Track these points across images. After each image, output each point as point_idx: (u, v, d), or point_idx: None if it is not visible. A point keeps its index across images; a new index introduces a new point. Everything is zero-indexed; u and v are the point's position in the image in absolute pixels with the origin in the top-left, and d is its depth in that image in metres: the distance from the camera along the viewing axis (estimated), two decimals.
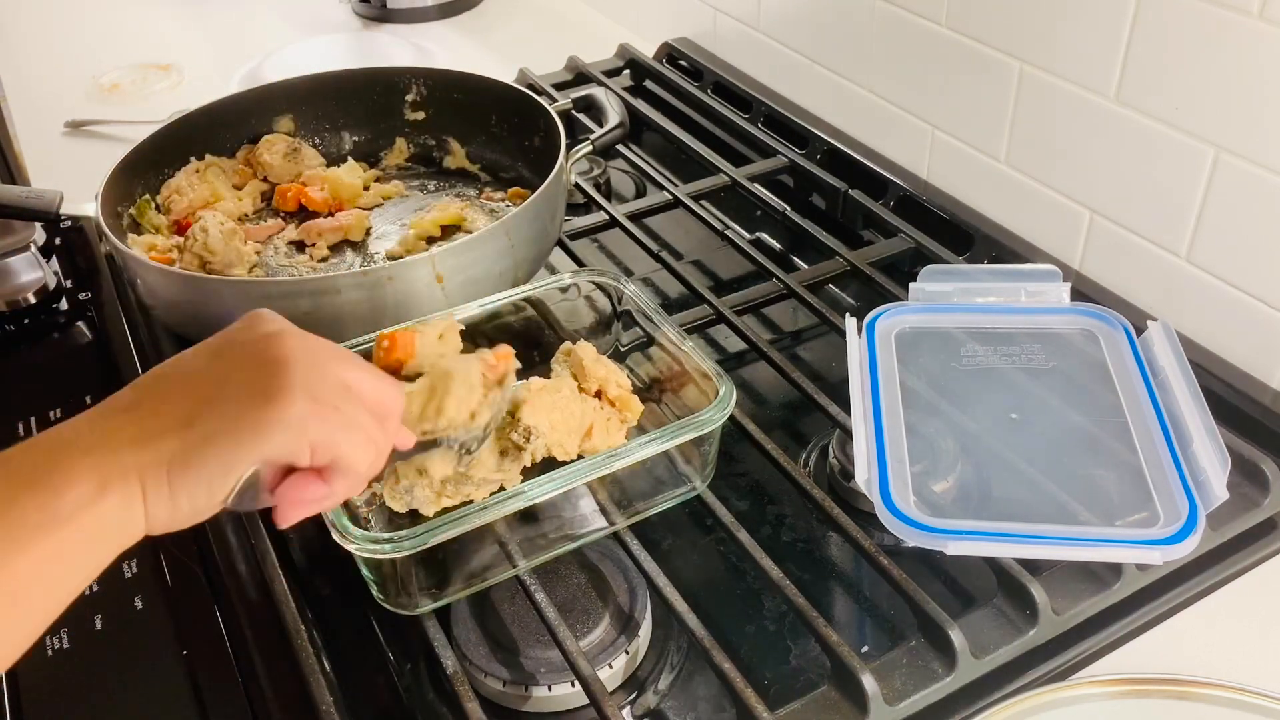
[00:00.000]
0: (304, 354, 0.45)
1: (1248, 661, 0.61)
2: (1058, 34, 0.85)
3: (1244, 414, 0.76)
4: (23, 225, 0.97)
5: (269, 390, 0.43)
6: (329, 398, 0.45)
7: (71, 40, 1.51)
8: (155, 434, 0.43)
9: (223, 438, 0.43)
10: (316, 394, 0.44)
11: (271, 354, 0.45)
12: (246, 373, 0.44)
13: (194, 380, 0.45)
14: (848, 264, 0.92)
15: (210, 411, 0.43)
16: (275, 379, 0.44)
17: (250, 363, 0.45)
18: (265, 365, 0.44)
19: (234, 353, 0.46)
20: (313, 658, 0.59)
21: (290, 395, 0.43)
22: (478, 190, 1.01)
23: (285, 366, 0.44)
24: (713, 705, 0.62)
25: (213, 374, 0.45)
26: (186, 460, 0.42)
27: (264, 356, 0.45)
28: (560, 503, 0.66)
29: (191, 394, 0.44)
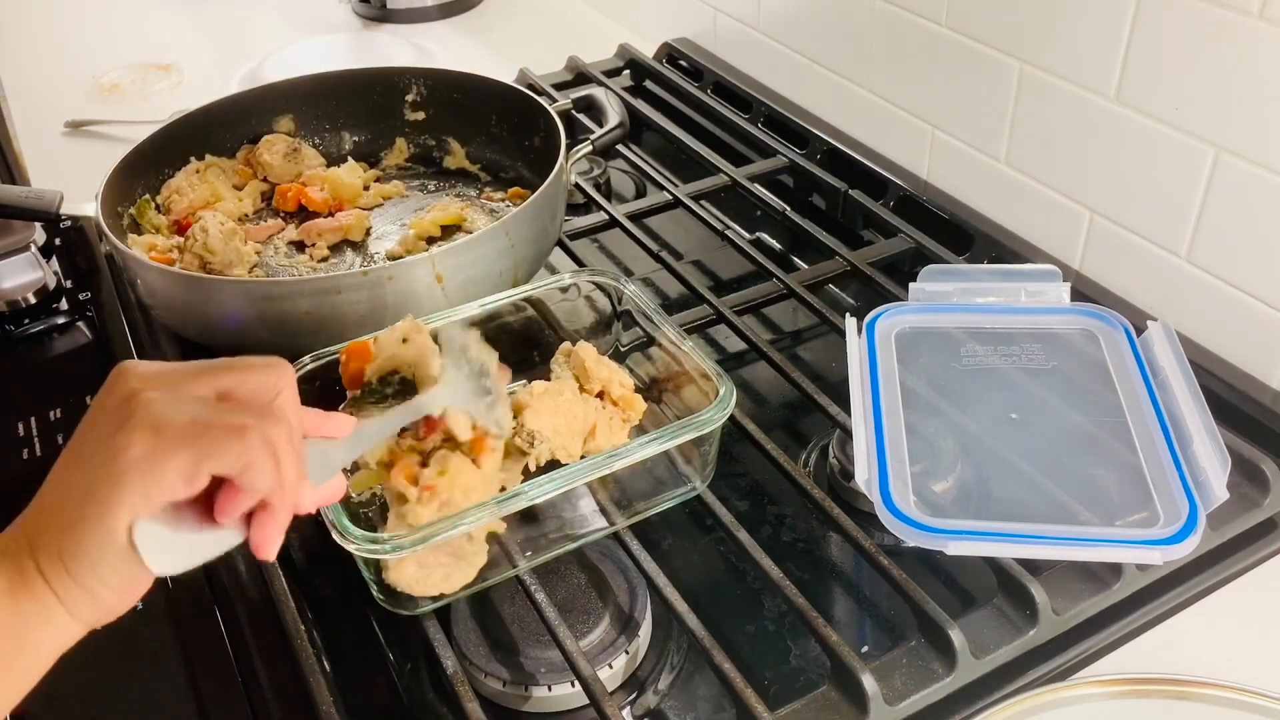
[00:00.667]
0: (153, 392, 0.43)
1: (1248, 661, 0.61)
2: (1058, 34, 0.85)
3: (1244, 414, 0.76)
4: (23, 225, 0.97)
5: (114, 445, 0.42)
6: (182, 423, 0.42)
7: (71, 40, 1.51)
8: (39, 530, 0.43)
9: (88, 507, 0.41)
10: (165, 424, 0.42)
11: (120, 410, 0.43)
12: (98, 438, 0.43)
13: (61, 467, 0.44)
14: (848, 264, 0.92)
15: (72, 490, 0.42)
16: (119, 432, 0.42)
17: (102, 428, 0.43)
18: (113, 422, 0.42)
19: (91, 425, 0.44)
20: (313, 658, 0.59)
21: (129, 439, 0.41)
22: (478, 190, 1.01)
23: (130, 415, 0.42)
24: (713, 705, 0.62)
25: (74, 454, 0.44)
26: (69, 545, 0.42)
27: (113, 416, 0.43)
28: (560, 503, 0.66)
29: (59, 481, 0.44)
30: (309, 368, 0.69)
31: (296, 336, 0.75)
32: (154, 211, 0.93)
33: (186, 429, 0.42)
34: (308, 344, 0.71)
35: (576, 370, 0.71)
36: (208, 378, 0.45)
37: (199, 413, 0.43)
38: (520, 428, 0.65)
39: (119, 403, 0.43)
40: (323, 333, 0.74)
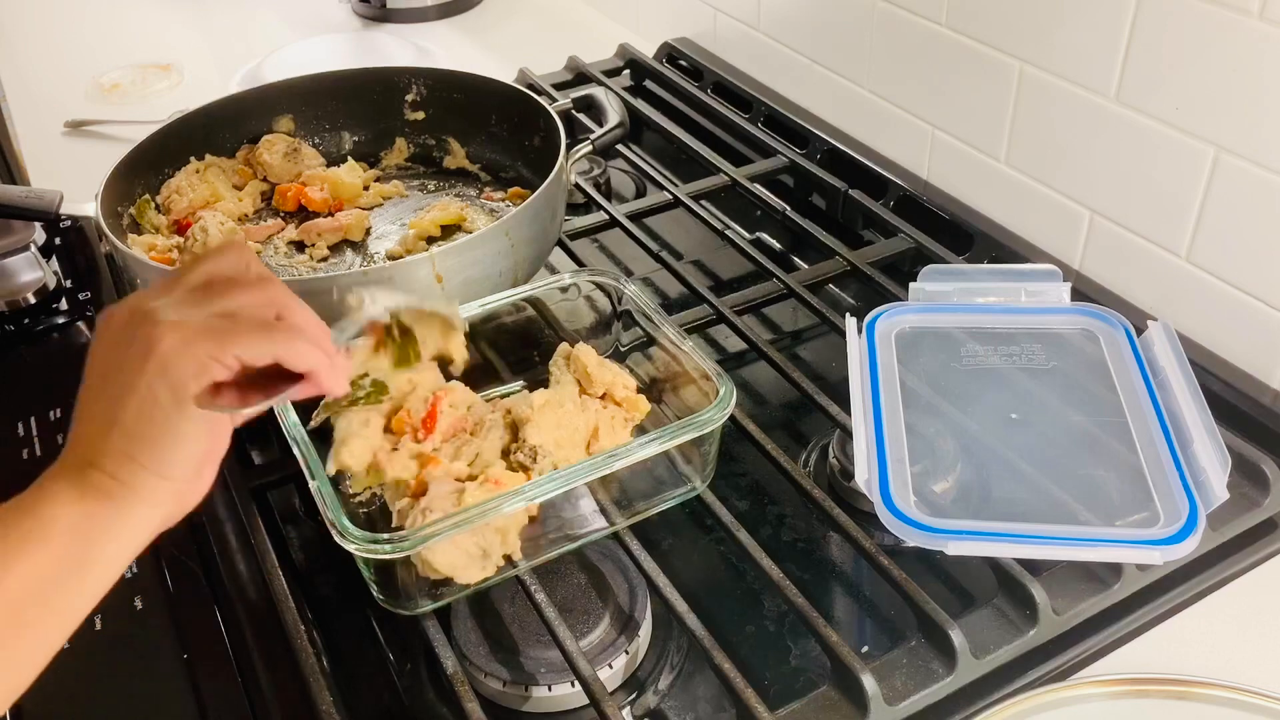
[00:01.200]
0: (154, 299, 0.47)
1: (1248, 661, 0.61)
2: (1058, 34, 0.85)
3: (1244, 414, 0.76)
4: (23, 225, 0.97)
5: (139, 352, 0.45)
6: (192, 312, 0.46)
7: (71, 40, 1.51)
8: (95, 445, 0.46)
9: (144, 402, 0.45)
10: (180, 318, 0.46)
11: (133, 326, 0.46)
12: (120, 354, 0.46)
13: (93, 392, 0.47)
14: (848, 264, 0.92)
15: (116, 400, 0.46)
16: (139, 341, 0.45)
17: (121, 345, 0.46)
18: (131, 336, 0.46)
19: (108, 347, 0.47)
20: (313, 658, 0.59)
21: (156, 334, 0.45)
22: (478, 190, 1.01)
23: (143, 323, 0.46)
24: (713, 705, 0.62)
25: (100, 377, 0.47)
26: (138, 440, 0.45)
27: (126, 331, 0.46)
28: (560, 503, 0.66)
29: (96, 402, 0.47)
30: None
31: None
32: (154, 211, 0.93)
33: (206, 324, 0.46)
34: None
35: (579, 375, 0.71)
36: (186, 275, 0.48)
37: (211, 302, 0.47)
38: (522, 443, 0.65)
39: (125, 320, 0.47)
40: None
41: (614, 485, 0.67)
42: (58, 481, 0.46)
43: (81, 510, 0.45)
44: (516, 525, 0.63)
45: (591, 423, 0.69)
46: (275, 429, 0.67)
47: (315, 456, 0.62)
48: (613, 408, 0.70)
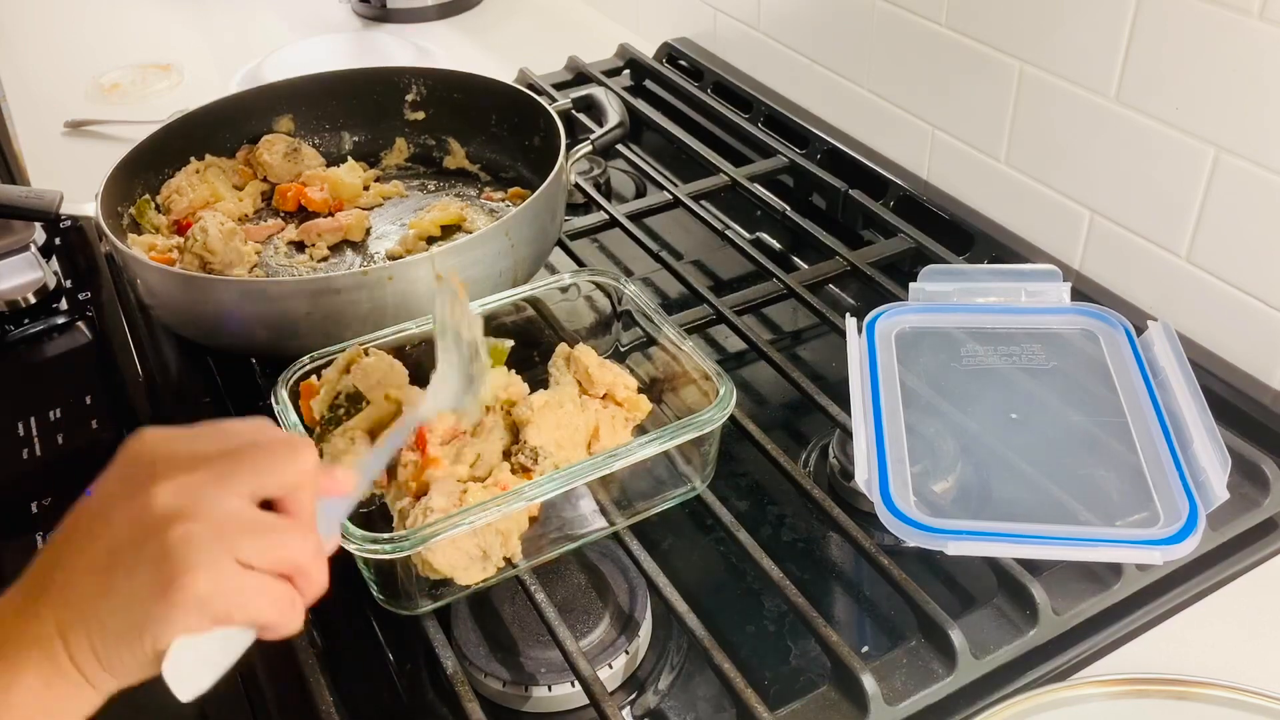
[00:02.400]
0: (189, 521, 0.42)
1: (1248, 661, 0.61)
2: (1058, 34, 0.85)
3: (1244, 414, 0.76)
4: (23, 225, 0.97)
5: (162, 583, 0.41)
6: (226, 565, 0.42)
7: (71, 40, 1.51)
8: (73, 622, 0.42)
9: (133, 628, 0.42)
10: (214, 567, 0.42)
11: (155, 533, 0.42)
12: (134, 558, 0.42)
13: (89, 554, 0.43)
14: (848, 264, 0.92)
15: (110, 603, 0.42)
16: (164, 566, 0.41)
17: (135, 544, 0.42)
18: (149, 548, 0.42)
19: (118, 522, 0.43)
20: (313, 658, 0.59)
21: (182, 586, 0.41)
22: (478, 190, 1.01)
23: (172, 552, 0.41)
24: (713, 705, 0.62)
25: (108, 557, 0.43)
26: (111, 650, 0.42)
27: (148, 536, 0.42)
28: (560, 503, 0.66)
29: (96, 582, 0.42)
30: (309, 367, 0.69)
31: (296, 336, 0.75)
32: (154, 211, 0.93)
33: (237, 580, 0.42)
34: (308, 344, 0.71)
35: (580, 376, 0.71)
36: (238, 481, 0.44)
37: (245, 551, 0.43)
38: (523, 445, 0.65)
39: (150, 522, 0.42)
40: (323, 333, 0.74)
41: (614, 485, 0.67)
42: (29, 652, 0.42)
43: (47, 694, 0.42)
44: (518, 528, 0.63)
45: (592, 423, 0.69)
46: None
47: None
48: (613, 408, 0.70)
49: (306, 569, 0.46)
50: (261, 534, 0.44)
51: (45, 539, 0.69)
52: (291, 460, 0.46)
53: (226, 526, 0.42)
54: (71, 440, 0.79)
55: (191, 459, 0.44)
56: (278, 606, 0.45)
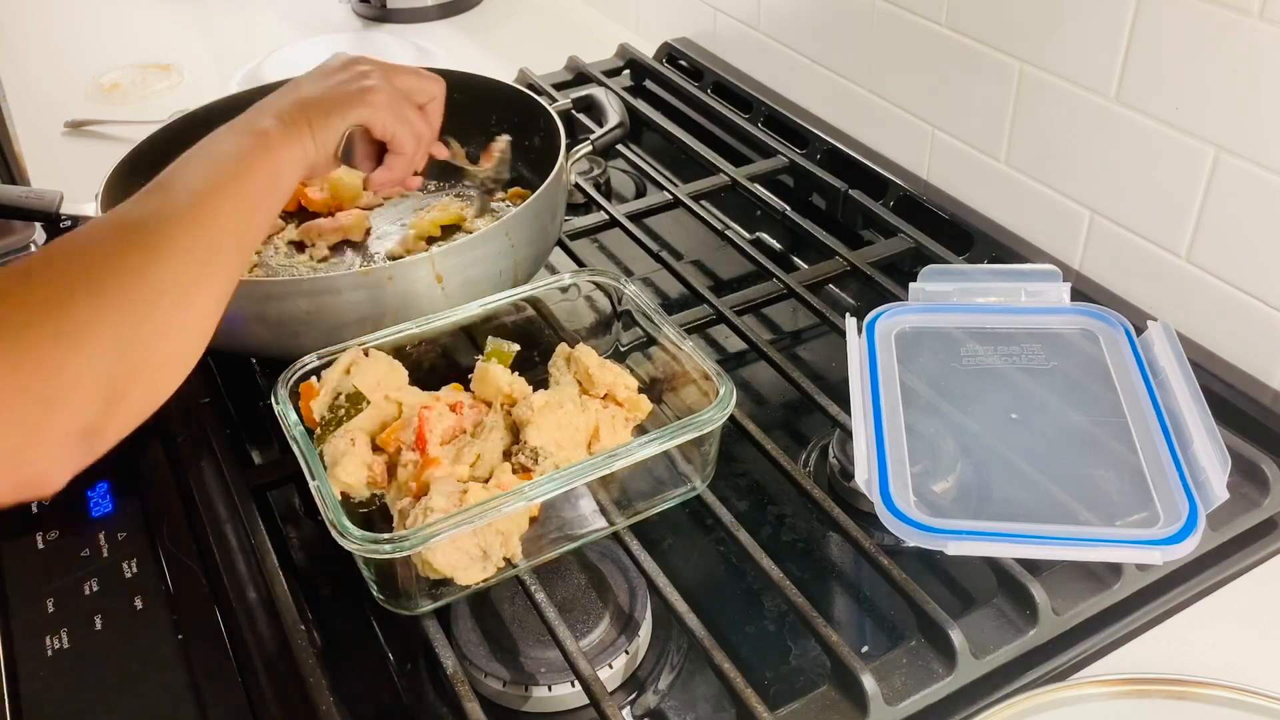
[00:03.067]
0: (375, 76, 0.72)
1: (1248, 661, 0.61)
2: (1058, 34, 0.85)
3: (1244, 414, 0.76)
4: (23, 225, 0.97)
5: (359, 85, 0.71)
6: (393, 96, 0.73)
7: (71, 40, 1.51)
8: (305, 109, 0.67)
9: (336, 107, 0.69)
10: (389, 92, 0.72)
11: (351, 65, 0.73)
12: (344, 78, 0.71)
13: (315, 80, 0.72)
14: (848, 264, 0.92)
15: (325, 99, 0.69)
16: (361, 78, 0.72)
17: (341, 71, 0.73)
18: (349, 72, 0.72)
19: (331, 72, 0.72)
20: (313, 658, 0.59)
21: (370, 84, 0.71)
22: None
23: (365, 74, 0.72)
24: (713, 705, 0.62)
25: (324, 78, 0.72)
26: (322, 118, 0.67)
27: (348, 68, 0.73)
28: (560, 503, 0.66)
29: (318, 87, 0.70)
30: (310, 366, 0.69)
31: (297, 336, 0.75)
32: None
33: (397, 104, 0.73)
34: (308, 344, 0.71)
35: (580, 376, 0.71)
36: (399, 74, 0.75)
37: (400, 99, 0.74)
38: (523, 445, 0.65)
39: (350, 60, 0.74)
40: (322, 333, 0.74)
41: (614, 485, 0.67)
42: (278, 120, 0.65)
43: (289, 148, 0.65)
44: (518, 528, 0.63)
45: (592, 423, 0.69)
46: (275, 429, 0.67)
47: (315, 456, 0.62)
48: (613, 408, 0.70)
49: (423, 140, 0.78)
50: (416, 108, 0.77)
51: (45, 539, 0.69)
52: (435, 81, 0.80)
53: (388, 80, 0.74)
54: None
55: (377, 62, 0.75)
56: (411, 138, 0.75)
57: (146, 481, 0.74)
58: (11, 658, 0.63)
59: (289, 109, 0.66)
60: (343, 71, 0.71)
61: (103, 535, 0.70)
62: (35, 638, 0.63)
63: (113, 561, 0.68)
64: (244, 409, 0.82)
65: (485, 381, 0.70)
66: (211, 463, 0.74)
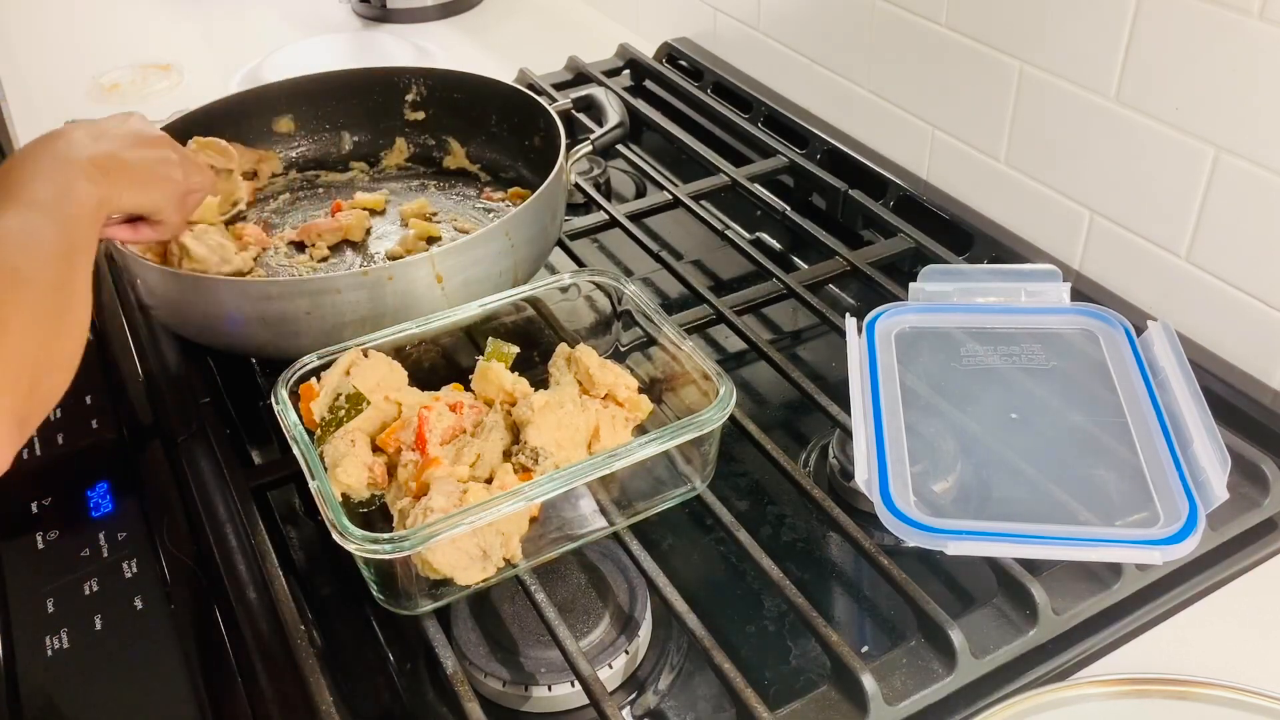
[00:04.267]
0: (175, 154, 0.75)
1: (1248, 661, 0.61)
2: (1058, 34, 0.85)
3: (1244, 414, 0.76)
4: None
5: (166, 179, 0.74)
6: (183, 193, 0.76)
7: (71, 40, 1.51)
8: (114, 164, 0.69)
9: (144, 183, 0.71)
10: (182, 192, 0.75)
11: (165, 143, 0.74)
12: (148, 148, 0.72)
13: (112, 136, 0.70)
14: (848, 264, 0.92)
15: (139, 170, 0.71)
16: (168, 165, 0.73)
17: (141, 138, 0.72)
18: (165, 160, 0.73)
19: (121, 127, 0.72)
20: (313, 658, 0.59)
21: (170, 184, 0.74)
22: (478, 190, 1.01)
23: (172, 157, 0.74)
24: (713, 705, 0.62)
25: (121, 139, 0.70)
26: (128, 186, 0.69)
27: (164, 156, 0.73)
28: (560, 503, 0.66)
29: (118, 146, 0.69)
30: (310, 367, 0.69)
31: (297, 336, 0.75)
32: None
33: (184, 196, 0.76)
34: (308, 344, 0.71)
35: (581, 377, 0.71)
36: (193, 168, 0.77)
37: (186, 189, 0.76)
38: (524, 445, 0.65)
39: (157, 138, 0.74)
40: (322, 333, 0.74)
41: (614, 485, 0.67)
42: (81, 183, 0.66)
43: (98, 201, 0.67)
44: (519, 529, 0.63)
45: (592, 423, 0.69)
46: (275, 429, 0.67)
47: (315, 456, 0.62)
48: (614, 408, 0.70)
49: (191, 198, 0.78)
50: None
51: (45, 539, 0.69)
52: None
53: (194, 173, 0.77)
54: (71, 440, 0.79)
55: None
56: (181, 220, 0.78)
57: (146, 481, 0.74)
58: (11, 658, 0.63)
59: (102, 158, 0.67)
60: (150, 148, 0.72)
61: (103, 535, 0.70)
62: (35, 638, 0.63)
63: (113, 561, 0.68)
64: (244, 409, 0.82)
65: (486, 381, 0.70)
66: (211, 463, 0.74)
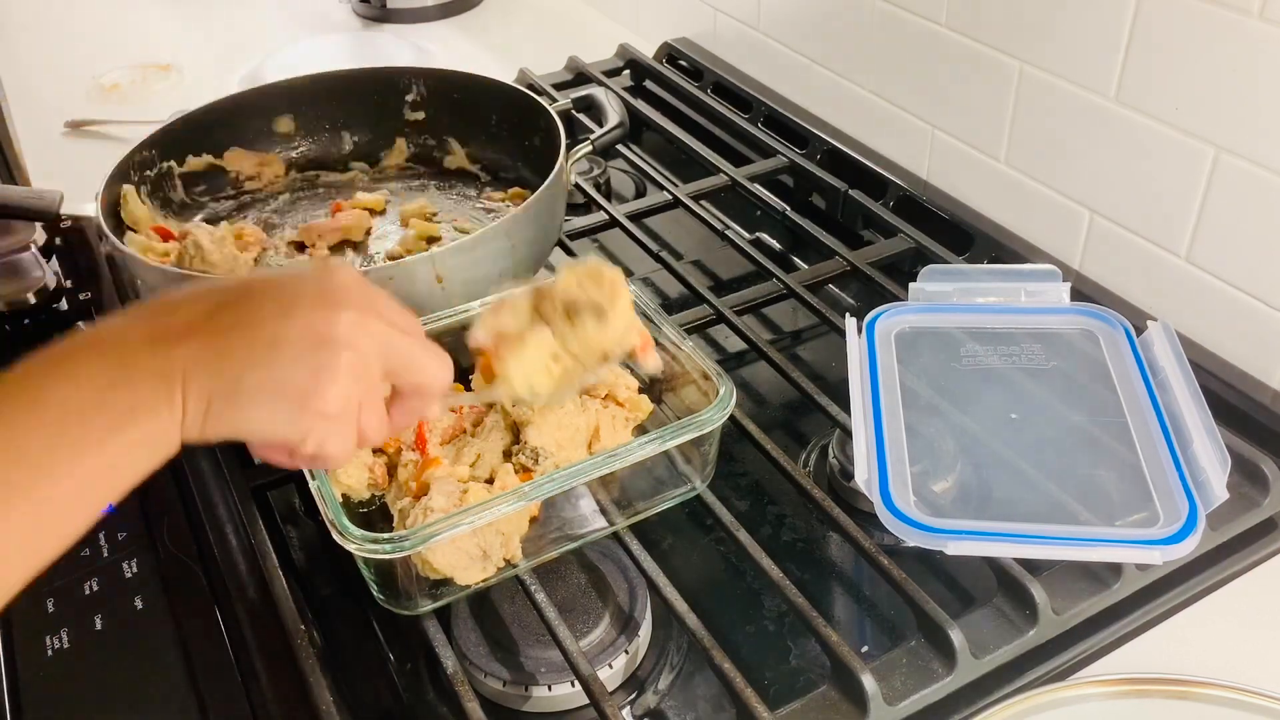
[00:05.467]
0: (353, 353, 0.47)
1: (1248, 661, 0.61)
2: (1058, 34, 0.85)
3: (1244, 414, 0.76)
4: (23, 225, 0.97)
5: (308, 389, 0.45)
6: (351, 410, 0.48)
7: (71, 40, 1.51)
8: (210, 376, 0.44)
9: (257, 406, 0.45)
10: (344, 407, 0.47)
11: (327, 344, 0.46)
12: (299, 350, 0.46)
13: (253, 329, 0.46)
14: (848, 264, 0.92)
15: (255, 376, 0.45)
16: (319, 377, 0.46)
17: (305, 341, 0.46)
18: (317, 353, 0.46)
19: (295, 310, 0.46)
20: (313, 658, 0.59)
21: (322, 406, 0.46)
22: (478, 190, 1.01)
23: (332, 374, 0.46)
24: (713, 705, 0.62)
25: (269, 331, 0.46)
26: (219, 413, 0.45)
27: (320, 343, 0.46)
28: (560, 502, 0.66)
29: (248, 342, 0.46)
30: None
31: None
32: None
33: (347, 425, 0.48)
34: None
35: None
36: (399, 353, 0.50)
37: (364, 410, 0.49)
38: (524, 445, 0.65)
39: (327, 332, 0.46)
40: None
41: (614, 485, 0.67)
42: (150, 379, 0.44)
43: (151, 427, 0.44)
44: (519, 530, 0.63)
45: (593, 423, 0.69)
46: None
47: None
48: (614, 408, 0.70)
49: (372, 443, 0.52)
50: (376, 409, 0.50)
51: None
52: (438, 373, 0.52)
53: (370, 383, 0.48)
54: None
55: (382, 311, 0.49)
56: (339, 456, 0.49)
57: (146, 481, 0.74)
58: (11, 658, 0.63)
59: (189, 363, 0.44)
60: (297, 329, 0.46)
61: (103, 535, 0.70)
62: (35, 638, 0.63)
63: (113, 561, 0.68)
64: None
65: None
66: (211, 463, 0.74)
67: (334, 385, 0.46)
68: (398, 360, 0.50)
